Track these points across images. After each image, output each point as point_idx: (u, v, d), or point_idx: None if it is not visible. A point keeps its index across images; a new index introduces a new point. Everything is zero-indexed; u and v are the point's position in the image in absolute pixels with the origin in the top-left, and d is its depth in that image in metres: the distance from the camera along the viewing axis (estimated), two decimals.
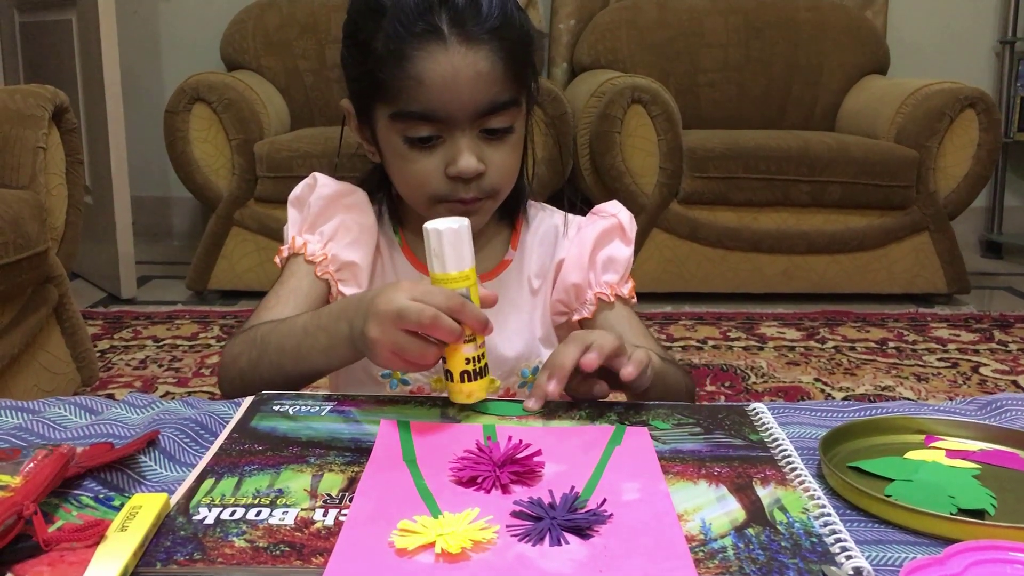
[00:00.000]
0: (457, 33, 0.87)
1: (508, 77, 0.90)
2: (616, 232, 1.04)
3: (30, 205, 1.81)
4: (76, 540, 0.56)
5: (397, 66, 0.88)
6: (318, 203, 1.00)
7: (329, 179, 1.02)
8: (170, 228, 3.87)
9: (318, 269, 0.98)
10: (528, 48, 0.93)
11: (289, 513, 0.61)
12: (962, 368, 2.38)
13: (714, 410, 0.81)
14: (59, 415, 0.81)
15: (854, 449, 0.74)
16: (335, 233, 0.99)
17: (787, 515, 0.62)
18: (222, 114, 2.85)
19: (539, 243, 1.06)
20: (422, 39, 0.87)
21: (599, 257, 1.03)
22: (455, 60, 0.87)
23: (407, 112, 0.89)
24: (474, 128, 0.91)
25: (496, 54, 0.89)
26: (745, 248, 2.98)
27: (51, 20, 3.16)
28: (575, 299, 1.03)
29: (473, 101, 0.89)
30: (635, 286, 1.06)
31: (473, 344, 0.78)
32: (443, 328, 0.75)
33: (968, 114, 2.93)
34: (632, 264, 1.05)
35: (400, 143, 0.92)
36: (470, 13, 0.88)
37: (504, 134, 0.93)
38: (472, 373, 0.78)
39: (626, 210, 1.05)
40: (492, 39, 0.88)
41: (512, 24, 0.91)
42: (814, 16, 3.46)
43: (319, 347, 0.85)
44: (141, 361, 2.38)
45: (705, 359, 2.43)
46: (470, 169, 0.90)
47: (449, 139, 0.91)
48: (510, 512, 0.61)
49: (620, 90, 2.85)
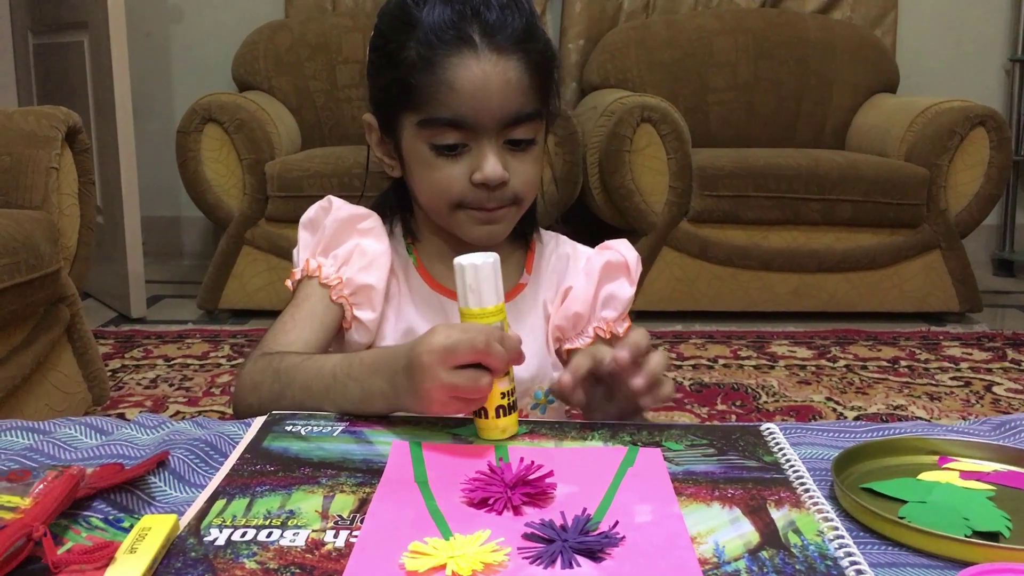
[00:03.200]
0: (488, 43, 0.90)
1: (534, 89, 0.93)
2: (622, 270, 1.04)
3: (42, 225, 1.82)
4: (85, 562, 0.56)
5: (429, 72, 0.90)
6: (333, 226, 1.00)
7: (344, 202, 1.02)
8: (181, 248, 3.89)
9: (332, 293, 0.98)
10: (551, 64, 0.96)
11: (300, 534, 0.61)
12: (975, 387, 2.37)
13: (727, 431, 0.80)
14: (69, 435, 0.81)
15: (867, 470, 0.73)
16: (349, 257, 0.99)
17: (801, 538, 0.61)
18: (233, 134, 2.86)
19: (552, 269, 1.07)
20: (454, 47, 0.90)
21: (602, 292, 1.04)
22: (486, 67, 0.90)
23: (436, 118, 0.91)
24: (500, 138, 0.93)
25: (524, 65, 0.91)
26: (755, 267, 2.97)
27: (64, 42, 3.18)
28: (573, 328, 1.03)
29: (502, 109, 0.91)
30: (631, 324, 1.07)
31: (507, 378, 0.77)
32: (495, 353, 0.74)
33: (979, 132, 2.92)
34: (631, 305, 1.06)
35: (426, 151, 0.93)
36: (500, 26, 0.91)
37: (528, 146, 0.95)
38: (506, 408, 0.77)
39: (635, 251, 1.06)
40: (520, 51, 0.91)
41: (538, 39, 0.94)
42: (823, 35, 3.46)
43: (350, 398, 0.84)
44: (152, 380, 2.38)
45: (716, 378, 2.42)
46: (496, 176, 0.92)
47: (475, 147, 0.92)
48: (521, 534, 0.61)
49: (629, 109, 2.86)
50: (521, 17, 0.92)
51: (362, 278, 0.98)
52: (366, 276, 0.98)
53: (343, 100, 3.35)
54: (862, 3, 3.58)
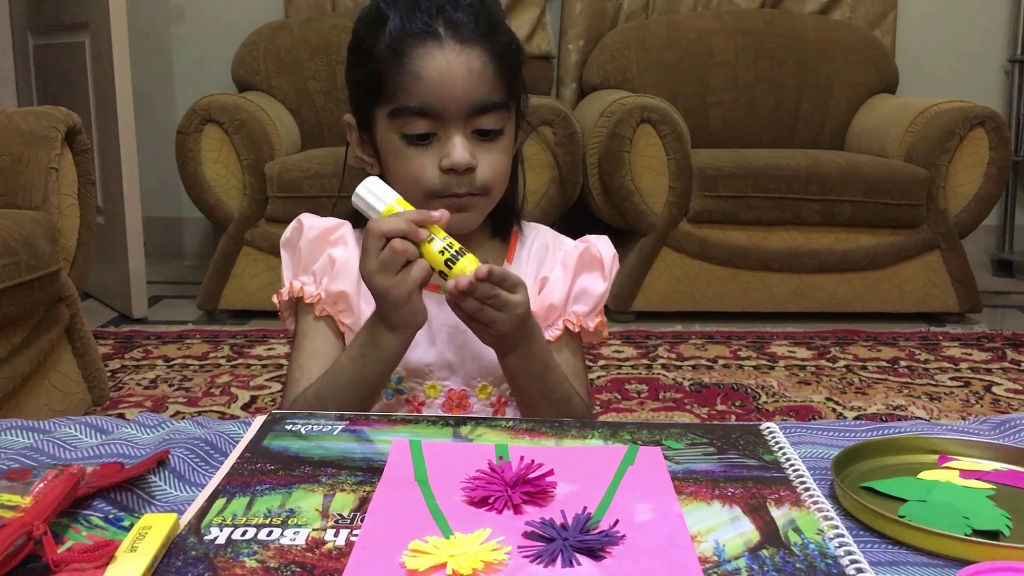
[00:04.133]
0: (452, 35, 0.95)
1: (498, 80, 0.97)
2: (596, 265, 1.06)
3: (42, 226, 1.82)
4: (86, 561, 0.56)
5: (397, 63, 0.95)
6: (306, 246, 1.04)
7: (314, 219, 1.05)
8: (181, 248, 3.89)
9: (317, 309, 1.02)
10: (517, 59, 1.01)
11: (300, 533, 0.61)
12: (974, 387, 2.37)
13: (727, 430, 0.80)
14: (69, 435, 0.81)
15: (867, 469, 0.73)
16: (325, 270, 1.03)
17: (802, 536, 0.61)
18: (233, 135, 2.86)
19: (532, 258, 1.09)
20: (420, 38, 0.95)
21: (575, 286, 1.05)
22: (450, 57, 0.95)
23: (405, 107, 0.96)
24: (467, 127, 0.97)
25: (488, 56, 0.97)
26: (755, 267, 2.97)
27: (64, 43, 3.18)
28: (545, 319, 1.04)
29: (467, 97, 0.95)
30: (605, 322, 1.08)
31: (438, 240, 0.88)
32: (390, 222, 0.87)
33: (978, 133, 2.92)
34: (605, 300, 1.07)
35: (398, 141, 0.97)
36: (464, 19, 0.96)
37: (495, 135, 0.99)
38: (452, 258, 0.87)
39: (612, 248, 1.08)
40: (484, 43, 0.96)
41: (501, 33, 0.99)
42: (823, 35, 3.46)
43: (371, 360, 0.94)
44: (152, 381, 2.38)
45: (715, 378, 2.42)
46: (462, 161, 0.96)
47: (444, 136, 0.97)
48: (522, 533, 0.61)
49: (629, 110, 2.86)
50: (486, 12, 0.97)
51: (334, 286, 1.02)
52: (337, 284, 1.02)
53: (343, 101, 3.33)
54: (862, 4, 3.58)
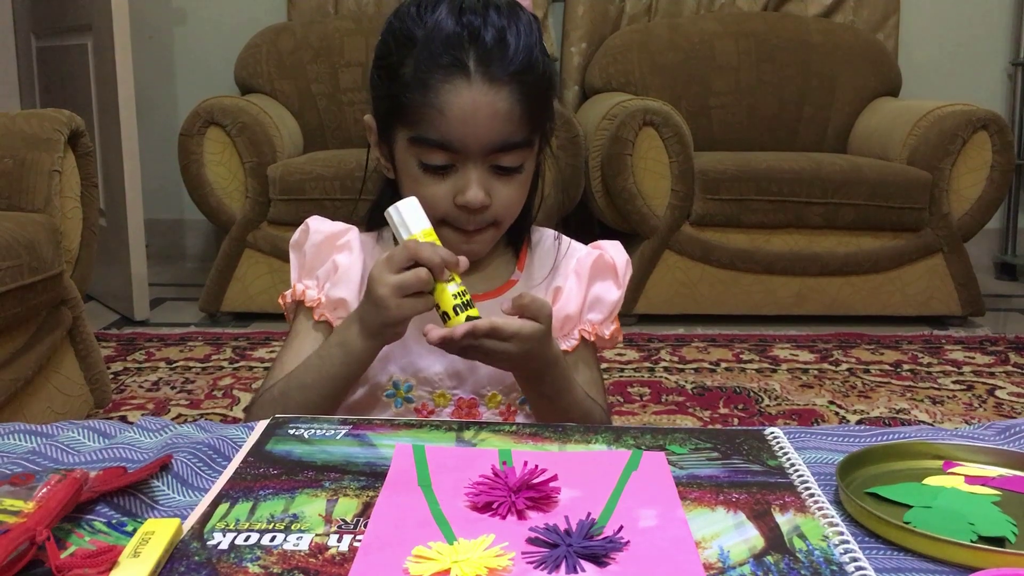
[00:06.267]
0: (482, 72, 0.91)
1: (524, 119, 0.94)
2: (610, 272, 1.05)
3: (45, 228, 1.82)
4: (89, 566, 0.55)
5: (421, 94, 0.92)
6: (311, 250, 1.04)
7: (322, 222, 1.05)
8: (183, 250, 3.89)
9: (316, 313, 1.02)
10: (548, 92, 0.97)
11: (304, 538, 0.61)
12: (978, 391, 2.36)
13: (731, 435, 0.80)
14: (72, 439, 0.81)
15: (872, 475, 0.73)
16: (328, 274, 1.02)
17: (807, 543, 0.61)
18: (236, 137, 2.87)
19: (543, 265, 1.08)
20: (448, 72, 0.91)
21: (589, 294, 1.05)
22: (476, 96, 0.91)
23: (425, 139, 0.93)
24: (486, 162, 0.94)
25: (516, 96, 0.92)
26: (757, 270, 2.97)
27: (67, 45, 3.19)
28: (560, 329, 1.04)
29: (488, 137, 0.92)
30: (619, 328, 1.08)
31: (454, 283, 0.87)
32: (425, 251, 0.85)
33: (981, 136, 2.92)
34: (619, 307, 1.07)
35: (415, 166, 0.95)
36: (497, 54, 0.91)
37: (513, 172, 0.96)
38: (462, 305, 0.86)
39: (625, 254, 1.07)
40: (514, 81, 0.92)
41: (535, 69, 0.94)
42: (825, 38, 3.46)
43: (337, 361, 0.93)
44: (154, 383, 2.38)
45: (718, 381, 2.42)
46: (476, 201, 0.94)
47: (461, 169, 0.94)
48: (526, 538, 0.61)
49: (632, 113, 2.86)
50: (519, 42, 0.92)
51: (335, 293, 1.01)
52: (338, 290, 1.01)
53: (345, 103, 3.35)
54: (864, 6, 3.58)
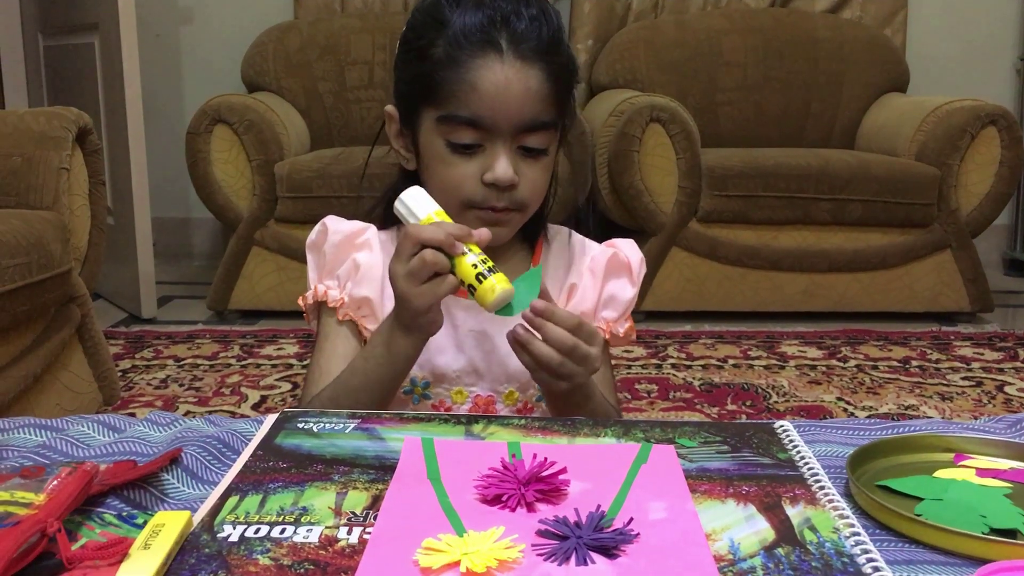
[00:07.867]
0: (514, 50, 0.93)
1: (552, 100, 0.96)
2: (625, 270, 1.05)
3: (53, 226, 1.82)
4: (99, 558, 0.56)
5: (454, 70, 0.93)
6: (331, 250, 1.03)
7: (339, 222, 1.05)
8: (191, 248, 3.89)
9: (340, 313, 1.02)
10: (572, 78, 0.99)
11: (313, 531, 0.61)
12: (987, 387, 2.35)
13: (741, 428, 0.80)
14: (83, 433, 0.81)
15: (882, 468, 0.73)
16: (349, 274, 1.02)
17: (817, 535, 0.61)
18: (243, 135, 2.87)
19: (558, 263, 1.08)
20: (481, 49, 0.93)
21: (604, 292, 1.05)
22: (509, 73, 0.93)
23: (455, 115, 0.94)
24: (514, 142, 0.95)
25: (545, 75, 0.94)
26: (765, 267, 2.96)
27: (74, 43, 3.19)
28: None
29: (519, 114, 0.94)
30: (633, 326, 1.07)
31: (472, 253, 0.84)
32: (429, 231, 0.83)
33: (989, 131, 2.91)
34: (633, 305, 1.06)
35: (442, 146, 0.96)
36: (527, 35, 0.94)
37: (539, 154, 0.97)
38: (485, 273, 0.84)
39: (639, 252, 1.07)
40: (544, 61, 0.94)
41: (562, 52, 0.97)
42: (833, 34, 3.45)
43: (383, 362, 0.92)
44: (162, 380, 2.38)
45: (726, 378, 2.41)
46: (506, 178, 0.94)
47: (489, 148, 0.95)
48: (535, 531, 0.61)
49: (638, 109, 2.85)
50: (549, 29, 0.95)
51: (359, 292, 1.01)
52: (361, 289, 1.01)
53: (352, 101, 3.35)
54: (872, 2, 3.57)
